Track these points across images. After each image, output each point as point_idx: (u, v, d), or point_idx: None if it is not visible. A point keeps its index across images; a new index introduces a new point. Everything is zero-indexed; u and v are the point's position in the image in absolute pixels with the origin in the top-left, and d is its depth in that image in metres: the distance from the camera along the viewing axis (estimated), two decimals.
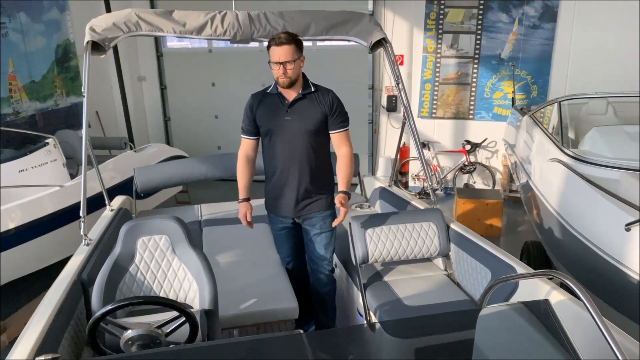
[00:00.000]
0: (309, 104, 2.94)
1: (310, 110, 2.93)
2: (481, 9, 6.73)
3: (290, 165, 2.98)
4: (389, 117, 7.53)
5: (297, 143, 2.95)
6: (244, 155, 3.09)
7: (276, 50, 2.79)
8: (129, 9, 3.26)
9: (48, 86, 6.64)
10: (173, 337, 2.11)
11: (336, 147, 3.05)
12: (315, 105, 2.94)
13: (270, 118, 2.95)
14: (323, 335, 2.13)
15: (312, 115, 2.93)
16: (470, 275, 3.02)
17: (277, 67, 2.81)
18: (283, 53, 2.79)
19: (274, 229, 3.28)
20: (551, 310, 1.66)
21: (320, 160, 3.05)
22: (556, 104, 4.82)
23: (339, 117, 2.99)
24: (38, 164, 4.81)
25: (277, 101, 2.95)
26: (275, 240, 3.38)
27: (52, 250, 4.47)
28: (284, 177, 3.02)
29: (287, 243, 3.29)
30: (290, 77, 2.84)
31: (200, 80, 8.29)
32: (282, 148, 2.97)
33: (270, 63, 2.84)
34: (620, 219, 2.89)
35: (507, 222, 6.22)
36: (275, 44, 2.79)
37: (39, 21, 6.45)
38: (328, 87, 3.05)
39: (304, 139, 2.94)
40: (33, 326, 2.08)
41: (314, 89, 2.96)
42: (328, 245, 3.16)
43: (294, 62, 2.81)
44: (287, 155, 2.97)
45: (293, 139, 2.94)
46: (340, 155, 3.02)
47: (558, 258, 3.85)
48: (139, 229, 2.56)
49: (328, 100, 2.96)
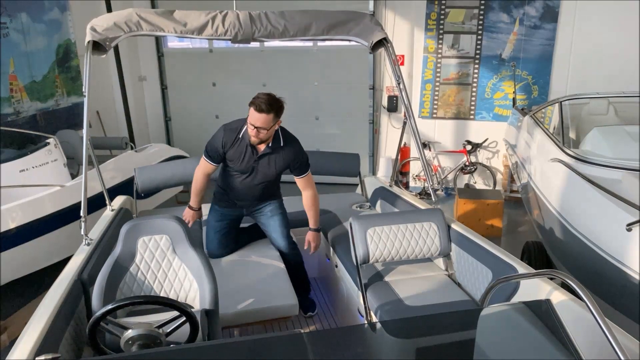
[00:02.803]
0: (276, 156, 3.32)
1: (277, 163, 3.34)
2: (482, 9, 6.73)
3: (247, 193, 3.44)
4: (390, 117, 7.53)
5: (258, 182, 3.39)
6: (205, 174, 3.44)
7: (255, 114, 3.06)
8: (130, 8, 3.26)
9: (49, 86, 6.65)
10: (173, 337, 2.11)
11: (302, 189, 3.49)
12: (281, 159, 3.33)
13: (239, 161, 3.30)
14: (324, 334, 2.12)
15: (277, 166, 3.35)
16: (472, 275, 3.02)
17: (252, 129, 3.11)
18: (260, 120, 3.06)
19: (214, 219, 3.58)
20: (553, 310, 1.65)
21: (274, 186, 3.54)
22: (557, 104, 4.82)
23: (301, 166, 3.40)
24: (39, 164, 4.81)
25: (249, 150, 3.27)
26: (213, 229, 3.58)
27: (52, 250, 4.47)
28: (240, 198, 3.48)
29: (229, 232, 3.62)
30: (261, 139, 3.18)
31: (201, 80, 8.29)
32: (244, 182, 3.39)
33: (248, 121, 3.13)
34: (621, 219, 2.88)
35: (508, 223, 6.22)
36: (256, 109, 3.05)
37: (40, 21, 6.45)
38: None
39: (265, 181, 3.40)
40: (33, 326, 2.08)
41: (283, 144, 3.31)
42: (282, 224, 3.58)
43: (268, 130, 3.12)
44: (247, 187, 3.40)
45: (254, 179, 3.37)
46: (307, 196, 3.49)
47: (559, 258, 3.85)
48: (139, 228, 2.56)
49: (292, 154, 3.35)
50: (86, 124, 3.23)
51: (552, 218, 3.81)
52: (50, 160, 4.92)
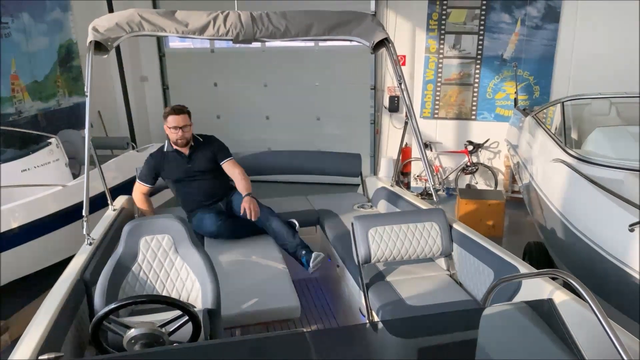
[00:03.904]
0: (202, 151, 3.85)
1: (205, 154, 3.85)
2: (484, 9, 6.73)
3: (205, 188, 3.86)
4: (391, 118, 7.53)
5: (203, 177, 3.84)
6: (143, 195, 3.87)
7: (175, 117, 3.66)
8: (132, 9, 3.27)
9: (51, 86, 6.66)
10: (176, 336, 2.11)
11: (231, 171, 3.89)
12: (207, 150, 3.87)
13: (176, 170, 3.81)
14: (326, 334, 2.13)
15: (207, 157, 3.85)
16: (473, 275, 3.02)
17: (177, 132, 3.68)
18: (181, 119, 3.67)
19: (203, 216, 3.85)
20: (555, 310, 1.65)
21: (224, 177, 3.97)
22: (559, 105, 4.81)
23: (224, 152, 3.93)
24: (41, 164, 4.82)
25: (177, 158, 3.81)
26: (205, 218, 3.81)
27: (54, 249, 4.47)
28: (205, 198, 3.87)
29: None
30: (186, 138, 3.73)
31: (203, 81, 8.30)
32: (194, 185, 3.84)
33: (169, 130, 3.70)
34: (623, 220, 2.88)
35: (509, 223, 6.21)
36: (174, 112, 3.66)
37: (42, 21, 6.46)
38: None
39: (207, 170, 3.84)
40: (36, 325, 2.08)
41: (202, 140, 3.90)
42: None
43: (190, 126, 3.74)
44: (199, 185, 3.84)
45: (198, 175, 3.83)
46: (235, 175, 3.87)
47: (560, 259, 3.85)
48: (141, 228, 2.56)
49: (214, 143, 3.93)
50: (88, 124, 3.24)
51: (553, 218, 3.81)
52: (52, 160, 4.93)
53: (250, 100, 8.23)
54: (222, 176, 3.95)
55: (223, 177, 3.95)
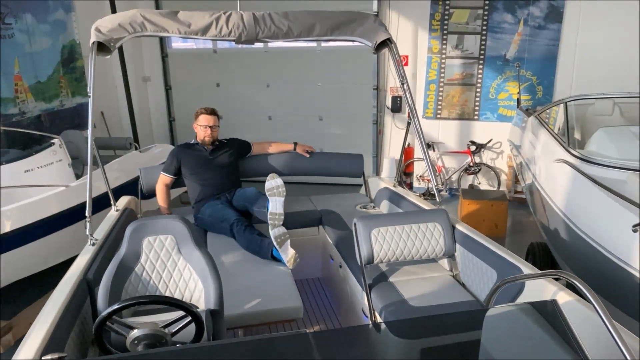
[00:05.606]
0: (225, 148, 4.24)
1: (227, 151, 4.23)
2: (486, 9, 6.72)
3: (218, 176, 4.13)
4: (394, 118, 7.52)
5: (221, 170, 4.14)
6: (165, 186, 4.19)
7: (206, 117, 4.08)
8: (134, 9, 3.27)
9: (54, 86, 6.67)
10: (179, 337, 2.11)
11: (262, 149, 4.52)
12: (229, 147, 4.27)
13: (196, 163, 4.11)
14: (329, 334, 2.12)
15: (229, 153, 4.23)
16: (476, 276, 3.01)
17: (206, 129, 4.08)
18: (211, 119, 4.08)
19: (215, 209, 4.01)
20: (559, 311, 1.65)
21: (237, 172, 4.35)
22: (562, 105, 4.80)
23: (244, 145, 4.43)
24: (44, 164, 4.82)
25: (202, 152, 4.14)
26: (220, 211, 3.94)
27: (57, 250, 4.48)
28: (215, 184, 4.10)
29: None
30: (213, 137, 4.13)
31: (205, 81, 8.31)
32: (210, 176, 4.10)
33: (199, 128, 4.10)
34: (627, 220, 2.87)
35: (512, 223, 6.20)
36: (206, 112, 4.08)
37: (45, 22, 6.48)
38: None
39: (225, 166, 4.17)
40: (39, 326, 2.09)
41: (225, 140, 4.33)
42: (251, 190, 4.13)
43: (217, 127, 4.14)
44: (216, 180, 4.10)
45: (217, 168, 4.13)
46: (268, 148, 4.53)
47: (564, 259, 3.84)
48: (144, 228, 2.57)
49: (234, 141, 4.37)
50: (91, 125, 3.24)
51: (557, 219, 3.80)
52: (55, 161, 4.94)
53: (253, 101, 8.24)
54: (236, 172, 4.30)
55: (236, 173, 4.29)
